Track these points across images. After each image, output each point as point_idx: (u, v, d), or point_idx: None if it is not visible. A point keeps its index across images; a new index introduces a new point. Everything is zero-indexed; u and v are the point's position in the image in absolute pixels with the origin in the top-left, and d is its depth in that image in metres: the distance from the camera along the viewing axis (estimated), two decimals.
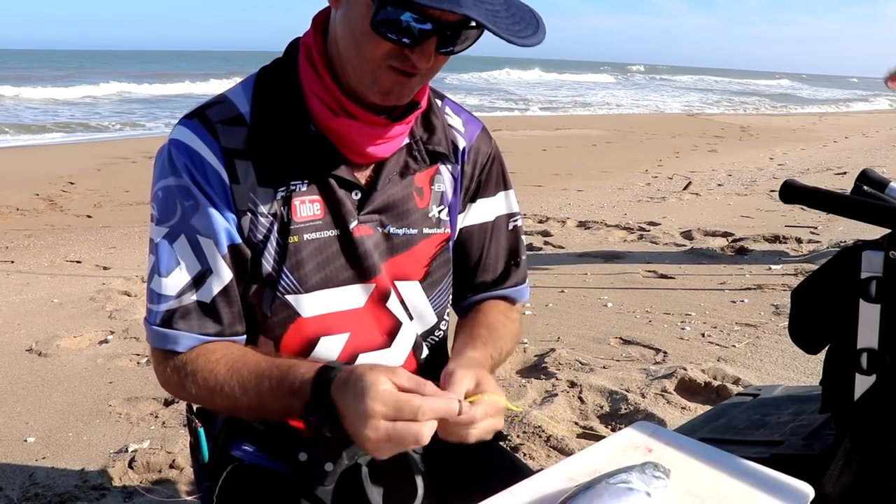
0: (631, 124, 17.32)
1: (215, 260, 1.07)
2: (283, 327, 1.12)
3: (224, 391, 1.03)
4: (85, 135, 13.58)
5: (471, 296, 1.30)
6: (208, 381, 1.04)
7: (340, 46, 1.04)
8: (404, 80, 1.01)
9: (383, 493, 1.16)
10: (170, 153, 1.07)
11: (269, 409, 1.02)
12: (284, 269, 1.09)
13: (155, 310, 1.08)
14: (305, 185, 1.09)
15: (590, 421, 2.80)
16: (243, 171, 1.07)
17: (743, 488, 0.98)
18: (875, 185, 1.33)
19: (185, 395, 1.11)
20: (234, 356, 1.06)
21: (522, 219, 1.35)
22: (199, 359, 1.06)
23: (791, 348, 3.41)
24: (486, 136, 1.28)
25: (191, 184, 1.05)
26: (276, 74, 1.12)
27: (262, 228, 1.08)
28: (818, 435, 1.43)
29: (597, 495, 0.87)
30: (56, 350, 3.54)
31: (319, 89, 1.07)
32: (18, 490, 2.32)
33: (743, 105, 28.54)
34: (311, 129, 1.08)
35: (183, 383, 1.07)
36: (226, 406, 1.07)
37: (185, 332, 1.07)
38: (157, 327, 1.07)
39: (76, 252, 5.54)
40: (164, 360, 1.09)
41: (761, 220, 6.51)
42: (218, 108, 1.09)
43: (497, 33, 0.91)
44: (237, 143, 1.07)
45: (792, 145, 13.50)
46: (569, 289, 4.56)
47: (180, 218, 1.06)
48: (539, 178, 8.96)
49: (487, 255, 1.28)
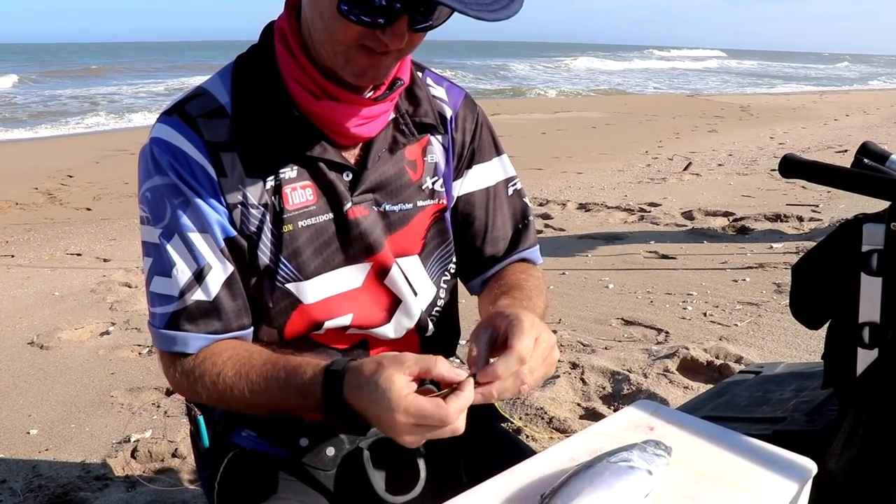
0: (630, 106, 17.24)
1: (213, 255, 1.05)
2: (285, 315, 1.11)
3: (235, 394, 1.03)
4: (82, 128, 13.55)
5: (485, 271, 1.28)
6: (217, 384, 1.03)
7: (312, 29, 1.01)
8: (378, 60, 0.99)
9: (385, 477, 1.15)
10: (152, 152, 1.05)
11: (285, 409, 1.02)
12: (282, 259, 1.08)
13: (158, 312, 1.06)
14: (295, 172, 1.08)
15: (592, 402, 2.80)
16: (229, 163, 1.05)
17: (745, 465, 0.97)
18: (875, 157, 1.31)
19: (198, 398, 1.10)
20: (241, 358, 1.04)
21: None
22: (205, 362, 1.05)
23: (793, 326, 3.40)
24: (470, 103, 1.26)
25: (178, 181, 1.03)
26: (253, 62, 1.10)
27: (255, 220, 1.07)
28: (821, 411, 1.43)
29: (598, 474, 0.86)
30: (57, 343, 3.54)
31: (298, 74, 1.05)
32: (22, 482, 2.32)
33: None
34: (295, 114, 1.07)
35: (194, 387, 1.06)
36: (241, 408, 1.06)
37: (192, 332, 1.06)
38: (163, 330, 1.06)
39: (76, 245, 5.54)
40: (173, 363, 1.08)
41: (762, 200, 6.48)
42: (197, 102, 1.07)
43: (464, 12, 0.86)
44: (220, 136, 1.05)
45: (792, 124, 13.43)
46: (570, 271, 4.55)
47: (171, 217, 1.04)
48: (539, 161, 8.93)
49: (494, 222, 1.26)
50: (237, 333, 1.09)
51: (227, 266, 1.06)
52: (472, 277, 1.30)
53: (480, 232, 1.26)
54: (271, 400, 1.01)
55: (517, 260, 1.29)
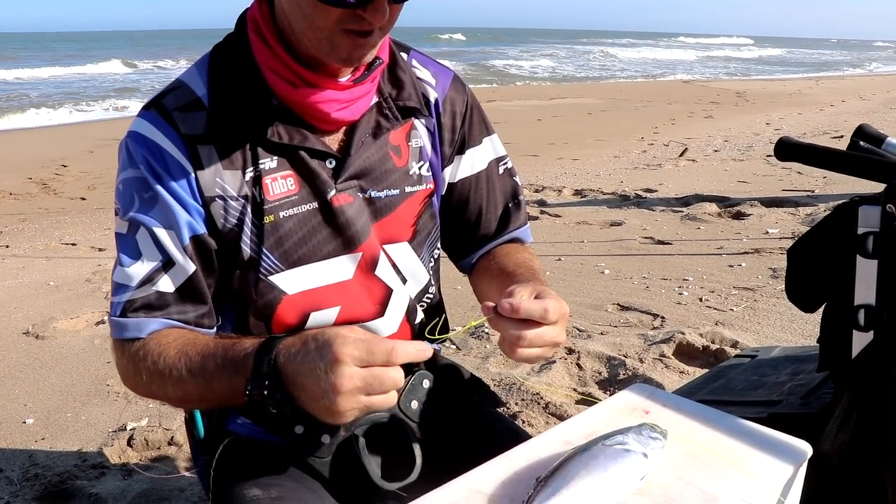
0: (626, 92, 17.21)
1: (176, 252, 1.03)
2: (271, 308, 1.10)
3: (173, 376, 0.99)
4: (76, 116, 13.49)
5: (476, 251, 1.28)
6: (158, 364, 1.00)
7: (290, 20, 1.00)
8: (363, 41, 0.98)
9: (381, 463, 1.15)
10: (128, 146, 1.04)
11: (216, 392, 0.97)
12: (264, 251, 1.06)
13: (115, 301, 1.04)
14: (275, 162, 1.06)
15: (588, 387, 2.81)
16: (206, 155, 1.03)
17: (741, 447, 0.97)
18: (872, 140, 1.31)
19: (140, 386, 1.05)
20: (187, 340, 1.02)
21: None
22: (151, 342, 1.02)
23: (789, 311, 3.41)
24: (459, 85, 1.24)
25: (148, 175, 1.02)
26: (229, 52, 1.08)
27: (234, 212, 1.05)
28: (816, 394, 1.43)
29: (593, 457, 0.86)
30: (53, 332, 3.53)
31: (274, 63, 1.03)
32: (18, 471, 2.32)
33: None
34: (273, 103, 1.05)
35: (137, 369, 1.02)
36: (178, 395, 1.01)
37: (145, 318, 1.03)
38: (118, 318, 1.03)
39: (71, 234, 5.53)
40: (124, 350, 1.05)
41: (758, 185, 6.49)
42: (174, 95, 1.06)
43: None
44: (197, 129, 1.03)
45: (788, 110, 13.42)
46: (566, 257, 4.55)
47: (139, 210, 1.03)
48: (534, 148, 8.92)
49: (488, 204, 1.26)
50: (194, 328, 1.06)
51: (189, 265, 1.04)
52: (462, 257, 1.30)
53: (474, 213, 1.26)
54: (207, 383, 0.97)
55: (509, 240, 1.29)
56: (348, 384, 0.84)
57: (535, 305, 0.94)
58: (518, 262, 1.21)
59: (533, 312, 0.93)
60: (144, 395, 1.09)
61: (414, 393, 1.20)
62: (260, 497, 1.08)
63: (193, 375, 0.98)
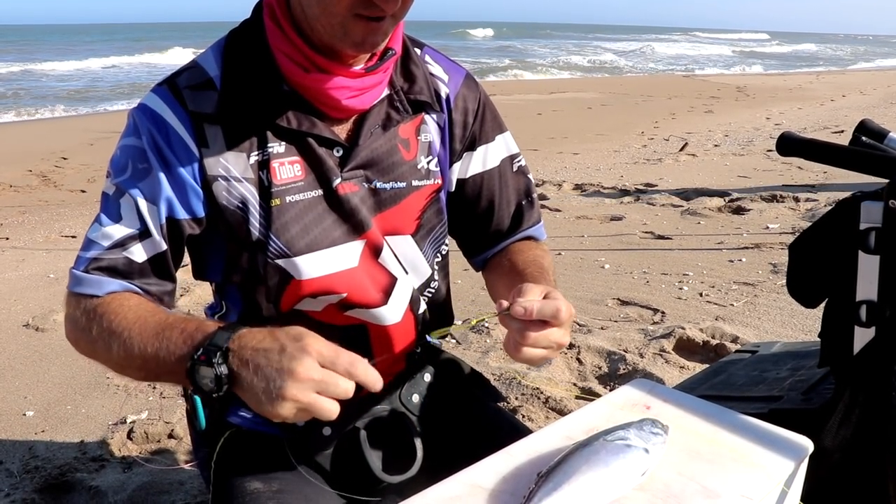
0: (626, 87, 17.18)
1: (153, 226, 1.03)
2: (279, 290, 1.10)
3: (123, 337, 0.97)
4: (76, 109, 13.47)
5: (490, 248, 1.28)
6: (112, 323, 0.98)
7: (304, 5, 1.00)
8: (375, 26, 0.98)
9: (382, 456, 1.15)
10: (134, 116, 1.05)
11: (163, 360, 0.93)
12: (271, 234, 1.07)
13: (82, 255, 1.04)
14: (283, 147, 1.07)
15: (588, 382, 2.81)
16: (212, 135, 1.04)
17: (742, 443, 0.97)
18: (874, 135, 1.30)
19: (83, 342, 1.03)
20: (148, 307, 1.01)
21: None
22: (112, 301, 1.01)
23: (789, 306, 3.41)
24: (471, 82, 1.24)
25: (149, 148, 1.03)
26: (244, 36, 1.09)
27: (237, 193, 1.06)
28: (817, 389, 1.43)
29: (594, 452, 0.86)
30: (53, 325, 3.53)
31: (287, 47, 1.04)
32: (18, 463, 2.32)
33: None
34: (284, 88, 1.05)
35: (89, 325, 1.01)
36: (121, 356, 0.98)
37: (106, 278, 1.02)
38: (80, 272, 1.03)
39: (71, 227, 5.51)
40: (78, 303, 1.03)
41: (758, 180, 6.48)
42: (187, 74, 1.06)
43: None
44: (206, 108, 1.04)
45: (789, 105, 13.40)
46: (566, 251, 4.55)
47: (129, 177, 1.03)
48: (534, 142, 8.90)
49: (500, 201, 1.26)
50: (155, 301, 1.05)
51: (161, 243, 1.04)
52: (475, 254, 1.30)
53: (486, 210, 1.26)
54: (156, 348, 0.94)
55: (523, 237, 1.29)
56: (305, 374, 0.83)
57: (547, 307, 0.93)
58: (528, 259, 1.21)
59: (545, 314, 0.93)
60: (84, 353, 1.06)
61: (415, 387, 1.21)
62: (260, 490, 1.08)
63: (144, 342, 0.95)
